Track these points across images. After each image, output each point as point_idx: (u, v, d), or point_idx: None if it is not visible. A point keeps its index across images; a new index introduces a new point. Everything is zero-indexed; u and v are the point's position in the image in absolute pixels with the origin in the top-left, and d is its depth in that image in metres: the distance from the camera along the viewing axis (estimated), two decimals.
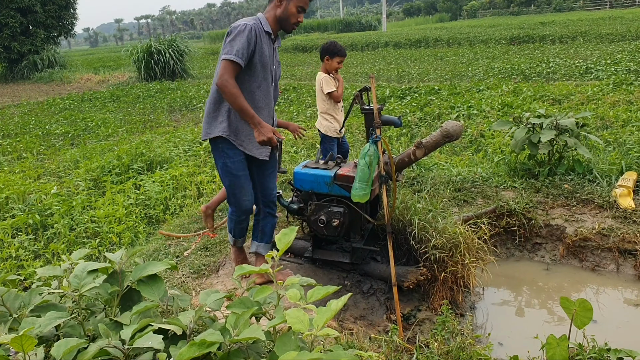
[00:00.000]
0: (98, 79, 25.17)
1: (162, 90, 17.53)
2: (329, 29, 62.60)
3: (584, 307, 2.46)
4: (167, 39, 23.17)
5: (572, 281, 4.31)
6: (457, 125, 3.86)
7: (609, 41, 21.30)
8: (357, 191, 3.49)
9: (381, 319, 3.60)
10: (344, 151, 5.61)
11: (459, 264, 3.69)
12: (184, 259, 4.24)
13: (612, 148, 6.22)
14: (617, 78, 11.15)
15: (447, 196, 4.93)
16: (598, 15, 39.00)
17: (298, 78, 19.09)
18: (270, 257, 2.10)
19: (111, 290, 2.21)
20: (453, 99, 10.73)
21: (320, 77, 5.29)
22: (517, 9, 60.64)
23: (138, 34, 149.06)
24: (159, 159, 7.63)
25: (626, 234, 4.36)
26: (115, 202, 6.05)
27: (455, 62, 18.68)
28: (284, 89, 15.16)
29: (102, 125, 11.71)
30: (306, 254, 4.04)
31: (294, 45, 37.74)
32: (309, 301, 1.94)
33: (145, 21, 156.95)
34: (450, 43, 28.49)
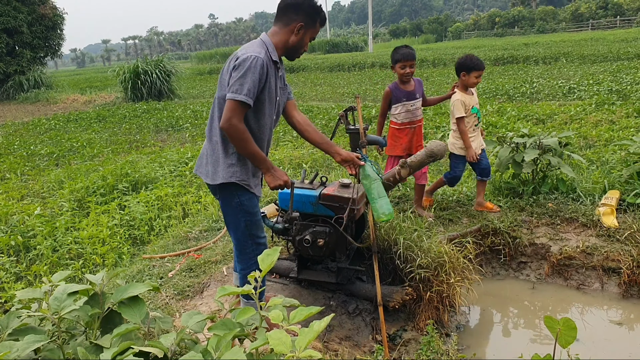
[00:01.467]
0: (84, 100, 25.08)
1: (148, 111, 17.50)
2: (316, 49, 63.05)
3: (568, 326, 2.46)
4: (154, 60, 23.19)
5: (558, 300, 4.32)
6: (441, 145, 3.88)
7: (591, 62, 21.64)
8: (383, 208, 3.31)
9: (367, 340, 3.58)
10: (482, 168, 5.17)
11: (445, 283, 3.68)
12: (168, 280, 4.20)
13: (595, 167, 6.29)
14: (600, 98, 11.31)
15: (432, 215, 4.95)
16: (580, 36, 39.67)
17: None
18: (253, 278, 2.09)
19: (92, 312, 2.18)
20: (438, 118, 10.82)
21: (454, 98, 5.03)
22: (501, 30, 61.53)
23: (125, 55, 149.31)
24: (144, 179, 7.59)
25: (610, 252, 4.39)
26: (99, 222, 6.00)
27: (440, 83, 18.85)
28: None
29: (87, 146, 11.64)
30: (291, 275, 4.02)
31: None
32: (291, 322, 1.92)
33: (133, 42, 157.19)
34: (435, 64, 28.78)
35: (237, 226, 3.17)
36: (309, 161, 8.21)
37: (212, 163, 3.08)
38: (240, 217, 3.14)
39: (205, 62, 62.20)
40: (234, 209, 3.12)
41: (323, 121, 11.98)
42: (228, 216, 3.19)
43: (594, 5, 59.10)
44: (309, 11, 3.00)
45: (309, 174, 4.34)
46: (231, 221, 3.19)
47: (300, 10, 2.98)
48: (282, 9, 3.04)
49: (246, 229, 3.17)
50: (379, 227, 4.01)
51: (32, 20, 32.21)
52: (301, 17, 2.99)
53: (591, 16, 57.46)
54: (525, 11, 64.68)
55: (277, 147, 9.74)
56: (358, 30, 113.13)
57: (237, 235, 3.20)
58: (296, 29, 3.00)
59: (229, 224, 3.23)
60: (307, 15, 3.00)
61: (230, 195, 3.09)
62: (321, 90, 20.28)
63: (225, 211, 3.20)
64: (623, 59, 20.85)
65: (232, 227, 3.20)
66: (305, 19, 3.00)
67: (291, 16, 3.00)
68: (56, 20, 33.88)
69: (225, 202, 3.14)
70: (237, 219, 3.15)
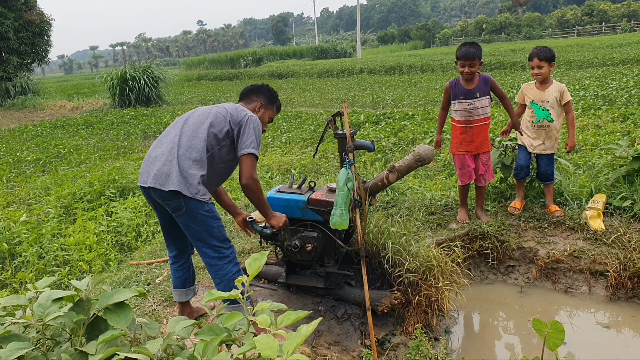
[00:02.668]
0: (72, 106, 24.94)
1: (136, 117, 17.43)
2: (305, 55, 63.24)
3: (556, 329, 2.46)
4: (142, 66, 23.15)
5: (546, 303, 4.33)
6: (429, 149, 3.88)
7: (577, 67, 21.85)
8: (337, 218, 3.45)
9: (356, 344, 3.57)
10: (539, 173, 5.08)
11: (433, 287, 3.69)
12: (155, 287, 4.17)
13: (582, 171, 6.33)
14: (586, 103, 11.41)
15: (420, 220, 4.95)
16: (566, 42, 40.06)
17: None
18: (240, 283, 2.07)
19: (77, 319, 2.15)
20: (426, 124, 10.85)
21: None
22: (488, 36, 61.99)
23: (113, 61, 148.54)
24: (132, 185, 7.54)
25: (597, 255, 4.41)
26: (86, 229, 5.95)
27: (428, 88, 18.95)
28: None
29: (74, 152, 11.57)
30: (280, 280, 4.01)
31: (269, 71, 38.00)
32: (279, 327, 1.91)
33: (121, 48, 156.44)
34: (423, 70, 28.92)
35: (210, 234, 3.21)
36: (297, 167, 8.20)
37: (179, 172, 3.10)
38: (213, 223, 3.21)
39: (194, 68, 62.22)
40: (204, 218, 3.17)
41: (312, 127, 11.99)
42: (198, 227, 3.19)
43: (580, 12, 59.78)
44: (267, 94, 3.68)
45: (297, 179, 4.33)
46: (202, 231, 3.20)
47: (261, 94, 3.66)
48: (244, 93, 3.70)
49: (220, 234, 3.25)
50: (368, 231, 4.01)
51: (18, 26, 32.01)
52: (261, 98, 3.64)
53: (577, 22, 58.12)
54: (512, 18, 65.23)
55: (266, 153, 9.73)
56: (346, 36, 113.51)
57: (212, 243, 3.22)
58: (257, 107, 3.60)
59: (201, 235, 3.21)
60: (265, 97, 3.66)
61: (198, 205, 3.12)
62: (310, 97, 20.32)
63: (192, 222, 3.18)
64: (608, 64, 21.08)
65: (205, 236, 3.21)
66: (265, 100, 3.65)
67: (252, 97, 3.65)
68: (43, 27, 33.66)
69: (192, 213, 3.13)
70: (210, 227, 3.20)
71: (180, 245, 3.54)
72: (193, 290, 3.63)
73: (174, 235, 3.49)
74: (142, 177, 3.21)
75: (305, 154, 9.43)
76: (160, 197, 3.14)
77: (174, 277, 3.58)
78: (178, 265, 3.55)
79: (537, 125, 4.94)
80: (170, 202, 3.11)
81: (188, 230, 3.23)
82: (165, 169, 3.11)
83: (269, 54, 63.95)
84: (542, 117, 4.92)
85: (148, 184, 3.12)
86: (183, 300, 3.58)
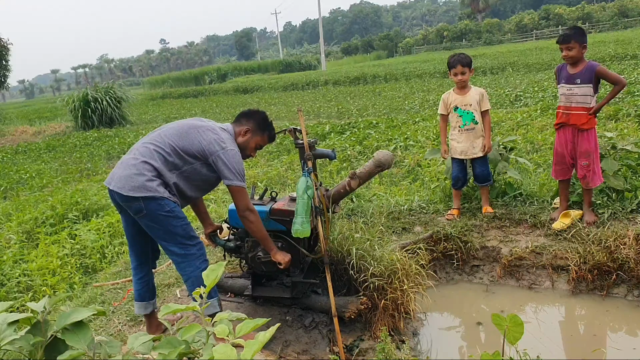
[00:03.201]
0: (34, 131, 24.47)
1: (99, 138, 17.22)
2: (270, 69, 63.39)
3: (515, 323, 2.50)
4: (104, 87, 22.90)
5: (511, 300, 4.41)
6: (388, 154, 3.94)
7: (536, 70, 22.37)
8: (298, 226, 3.48)
9: (324, 352, 3.57)
10: (475, 174, 5.19)
11: (399, 290, 3.72)
12: (120, 307, 4.11)
13: (542, 170, 6.47)
14: (544, 104, 11.69)
15: (385, 225, 4.99)
16: (525, 46, 40.96)
17: None
18: (199, 295, 2.06)
19: (34, 341, 2.11)
20: (390, 131, 10.98)
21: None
22: (449, 43, 62.98)
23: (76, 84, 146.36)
24: (95, 207, 7.43)
25: (558, 250, 4.51)
26: (49, 253, 5.83)
27: (392, 97, 19.16)
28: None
29: (36, 177, 11.36)
30: (246, 292, 3.99)
31: (234, 87, 37.92)
32: (238, 335, 1.91)
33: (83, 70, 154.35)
34: (387, 79, 29.23)
35: (174, 233, 3.26)
36: (263, 179, 8.20)
37: (138, 176, 3.15)
38: (175, 222, 3.24)
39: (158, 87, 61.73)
40: (166, 218, 3.21)
41: (277, 140, 12.00)
42: (161, 227, 3.24)
43: (537, 17, 61.23)
44: (258, 121, 3.60)
45: (259, 190, 4.34)
46: (166, 231, 3.25)
47: (251, 119, 3.59)
48: (239, 115, 3.65)
49: (184, 232, 3.28)
50: (332, 238, 4.03)
51: None
52: (250, 123, 3.57)
53: (534, 27, 59.48)
54: (472, 24, 66.45)
55: None
56: (310, 49, 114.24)
57: (177, 241, 3.27)
58: (243, 132, 3.55)
59: (165, 235, 3.27)
60: (255, 123, 3.58)
61: (158, 206, 3.17)
62: (276, 110, 20.33)
63: (154, 223, 3.23)
64: None
65: (169, 236, 3.26)
66: (253, 125, 3.57)
67: (242, 121, 3.59)
68: (1, 52, 33.06)
69: (153, 214, 3.18)
70: (173, 226, 3.24)
71: (141, 258, 3.55)
72: (152, 304, 3.63)
73: (137, 243, 3.51)
74: (108, 178, 3.28)
75: (272, 166, 9.43)
76: (121, 200, 3.19)
77: (135, 289, 3.61)
78: (138, 278, 3.57)
79: (465, 129, 5.05)
80: (131, 204, 3.16)
81: (152, 231, 3.28)
82: (127, 172, 3.18)
83: (233, 70, 63.91)
84: (467, 120, 5.04)
85: (111, 187, 3.19)
86: (143, 313, 3.61)
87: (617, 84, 4.46)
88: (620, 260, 4.19)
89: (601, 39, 34.29)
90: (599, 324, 4.00)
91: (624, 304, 4.15)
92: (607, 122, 8.99)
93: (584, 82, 4.46)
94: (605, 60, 21.02)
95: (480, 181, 5.17)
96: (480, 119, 5.01)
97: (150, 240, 3.47)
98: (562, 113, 4.64)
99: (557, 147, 4.75)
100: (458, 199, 5.32)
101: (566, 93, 4.59)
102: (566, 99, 4.60)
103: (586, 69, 4.46)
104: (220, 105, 26.05)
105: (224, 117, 20.15)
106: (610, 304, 4.17)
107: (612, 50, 23.50)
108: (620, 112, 9.36)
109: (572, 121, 4.56)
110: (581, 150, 4.55)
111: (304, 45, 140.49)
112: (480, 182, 5.17)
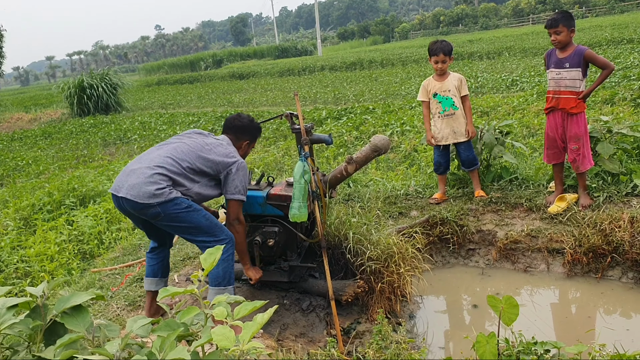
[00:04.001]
0: (29, 118, 24.38)
1: (95, 125, 17.17)
2: (266, 55, 63.03)
3: (510, 304, 2.54)
4: (99, 73, 22.80)
5: (506, 283, 4.44)
6: (385, 139, 3.95)
7: (532, 55, 22.34)
8: (296, 211, 3.50)
9: (322, 335, 3.61)
10: (462, 160, 5.25)
11: (395, 273, 3.75)
12: (119, 292, 4.13)
13: (537, 154, 6.49)
14: (541, 88, 11.69)
15: (381, 209, 5.01)
16: (522, 31, 40.82)
17: (235, 105, 19.10)
18: (196, 278, 2.08)
19: (33, 325, 2.13)
20: (387, 117, 10.97)
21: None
22: (446, 28, 62.72)
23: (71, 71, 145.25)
24: (92, 193, 7.44)
25: (553, 233, 4.54)
26: (47, 239, 5.84)
27: (389, 82, 19.13)
28: (220, 115, 15.14)
29: (33, 163, 11.34)
30: (244, 277, 4.01)
31: (230, 72, 37.78)
32: (236, 318, 1.93)
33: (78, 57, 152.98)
34: (384, 64, 29.16)
35: (199, 226, 3.27)
36: (260, 165, 8.21)
37: (149, 184, 3.14)
38: (197, 215, 3.25)
39: (153, 73, 61.43)
40: (187, 214, 3.21)
41: (274, 125, 11.99)
42: (183, 224, 3.24)
43: (533, 1, 60.94)
44: (254, 132, 3.78)
45: (256, 175, 4.35)
46: (190, 227, 3.26)
47: (247, 132, 3.74)
48: (231, 128, 3.73)
49: (208, 222, 3.30)
50: (329, 223, 4.05)
51: None
52: (247, 136, 3.74)
53: (531, 11, 59.24)
54: (469, 9, 66.13)
55: None
56: (306, 34, 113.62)
57: (204, 231, 3.29)
58: (244, 145, 3.73)
59: (190, 230, 3.29)
60: (251, 135, 3.77)
61: (175, 206, 3.17)
62: (272, 96, 20.29)
63: (175, 223, 3.23)
64: None
65: (195, 230, 3.28)
66: (250, 137, 3.76)
67: (239, 136, 3.71)
68: None
69: (171, 215, 3.18)
70: (197, 220, 3.25)
71: (161, 240, 3.63)
72: (164, 282, 3.66)
73: (153, 234, 3.58)
74: (116, 185, 3.25)
75: (268, 152, 9.43)
76: (133, 208, 3.16)
77: (148, 264, 3.64)
78: (154, 254, 3.63)
79: (444, 114, 5.10)
80: (146, 211, 3.15)
81: (174, 230, 3.35)
82: (140, 180, 3.15)
83: (229, 55, 63.54)
84: (447, 106, 5.09)
85: (121, 194, 3.15)
86: (152, 289, 3.60)
87: (605, 68, 4.45)
88: (615, 243, 4.22)
89: (598, 23, 34.21)
90: (593, 306, 4.04)
91: (618, 286, 4.18)
92: (603, 106, 8.99)
93: (572, 66, 4.50)
94: (602, 44, 21.01)
95: (467, 166, 5.22)
96: (460, 104, 5.07)
97: None
98: (552, 97, 4.68)
99: (548, 132, 4.78)
100: (443, 183, 5.36)
101: (555, 77, 4.61)
102: (555, 83, 4.63)
103: (575, 53, 4.48)
104: (216, 91, 25.97)
105: (219, 103, 20.11)
106: (605, 286, 4.20)
107: (608, 35, 23.47)
108: (616, 96, 9.36)
109: (562, 105, 4.59)
110: (570, 134, 4.58)
111: (299, 30, 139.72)
112: (467, 166, 5.22)
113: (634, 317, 3.84)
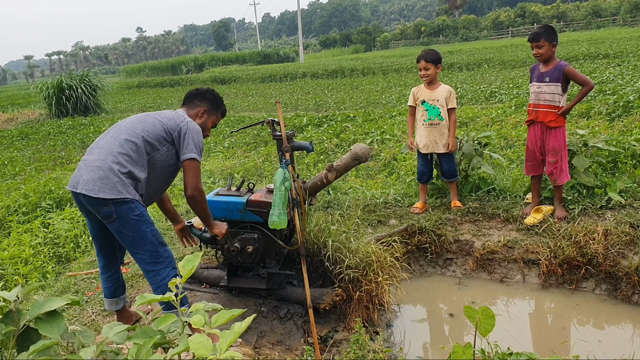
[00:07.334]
0: (6, 117, 23.95)
1: (74, 126, 16.96)
2: (248, 61, 62.93)
3: (487, 315, 2.56)
4: (79, 74, 22.53)
5: (483, 293, 4.49)
6: (365, 148, 3.97)
7: (511, 67, 22.64)
8: (275, 217, 3.49)
9: (299, 343, 3.60)
10: (442, 170, 5.32)
11: (373, 282, 3.76)
12: (94, 297, 4.08)
13: (515, 165, 6.57)
14: (519, 100, 11.85)
15: (360, 217, 5.03)
16: (501, 43, 41.38)
17: None
18: (174, 285, 2.07)
19: (5, 330, 2.09)
20: (367, 125, 11.02)
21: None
22: (426, 39, 63.26)
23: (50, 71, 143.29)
24: (69, 196, 7.33)
25: (529, 244, 4.60)
26: (21, 242, 5.74)
27: (370, 91, 19.22)
28: None
29: (9, 164, 11.16)
30: (222, 284, 3.99)
31: (212, 77, 37.66)
32: (213, 326, 1.92)
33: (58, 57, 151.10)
34: (365, 73, 29.28)
35: (144, 239, 3.13)
36: (240, 170, 8.18)
37: (108, 178, 3.05)
38: (145, 228, 3.13)
39: (134, 75, 60.96)
40: (136, 222, 3.10)
41: (255, 131, 11.97)
42: (131, 232, 3.11)
43: (513, 14, 61.92)
44: (211, 99, 3.61)
45: (237, 181, 4.34)
46: (136, 237, 3.13)
47: (204, 99, 3.59)
48: (188, 97, 3.63)
49: (154, 238, 3.17)
50: (309, 230, 4.05)
51: None
52: (205, 103, 3.58)
53: (510, 24, 60.15)
54: (449, 20, 66.90)
55: (209, 158, 9.65)
56: (289, 41, 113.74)
57: (146, 248, 3.15)
58: (200, 113, 3.56)
59: (134, 241, 3.14)
60: (209, 102, 3.59)
61: (129, 209, 3.07)
62: (253, 101, 20.26)
63: (124, 229, 3.11)
64: None
65: (139, 242, 3.14)
66: (208, 105, 3.59)
67: (196, 102, 3.59)
68: None
69: (123, 219, 3.07)
70: (143, 232, 3.12)
71: (109, 257, 3.46)
72: (123, 299, 3.57)
73: (104, 244, 3.41)
74: (72, 182, 3.14)
75: (249, 157, 9.41)
76: (90, 204, 3.07)
77: (104, 286, 3.52)
78: (107, 276, 3.48)
79: (429, 123, 5.17)
80: (100, 208, 3.04)
81: (121, 237, 3.16)
82: (95, 175, 3.04)
83: (211, 60, 63.28)
84: (433, 115, 5.16)
85: (78, 190, 3.05)
86: (114, 309, 3.55)
87: (584, 85, 4.53)
88: (589, 255, 4.29)
89: (575, 37, 34.82)
90: (567, 317, 4.10)
91: (592, 298, 4.25)
92: (579, 119, 9.14)
93: (552, 80, 4.58)
94: (578, 58, 21.37)
95: (447, 177, 5.29)
96: (446, 115, 5.13)
97: (117, 240, 3.33)
98: (532, 110, 4.78)
99: (528, 144, 4.86)
100: (424, 192, 5.41)
101: (536, 91, 4.71)
102: (535, 96, 4.72)
103: (555, 68, 4.57)
104: None
105: None
106: (579, 298, 4.27)
107: (585, 49, 23.90)
108: (591, 110, 9.52)
109: (540, 118, 4.68)
110: (549, 147, 4.66)
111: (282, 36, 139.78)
112: (447, 177, 5.29)
113: (606, 329, 3.91)
